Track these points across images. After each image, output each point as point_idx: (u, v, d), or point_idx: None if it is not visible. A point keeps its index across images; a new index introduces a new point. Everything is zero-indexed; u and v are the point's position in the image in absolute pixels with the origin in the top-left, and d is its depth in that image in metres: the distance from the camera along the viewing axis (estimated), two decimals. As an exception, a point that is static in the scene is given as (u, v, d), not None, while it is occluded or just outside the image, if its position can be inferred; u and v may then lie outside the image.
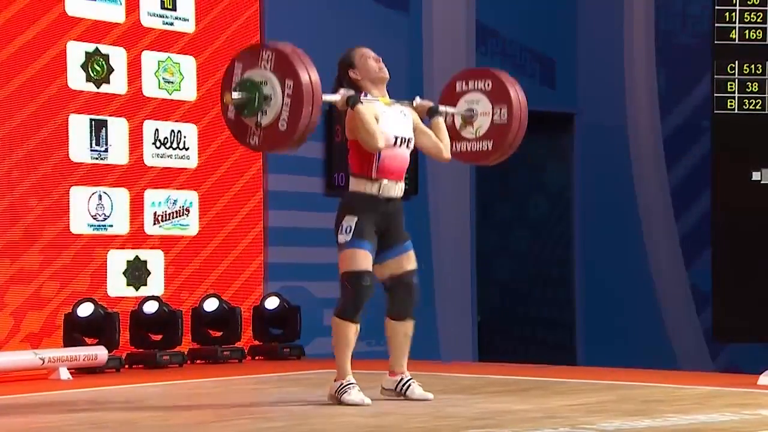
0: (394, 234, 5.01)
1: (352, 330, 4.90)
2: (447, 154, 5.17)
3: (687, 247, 9.68)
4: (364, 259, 4.89)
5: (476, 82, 5.48)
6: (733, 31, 9.50)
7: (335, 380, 4.94)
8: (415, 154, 5.20)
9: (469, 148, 5.48)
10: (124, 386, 6.06)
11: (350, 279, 4.88)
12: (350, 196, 4.99)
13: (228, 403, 5.35)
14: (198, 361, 7.43)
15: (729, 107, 9.51)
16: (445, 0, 9.29)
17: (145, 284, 7.54)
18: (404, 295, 5.02)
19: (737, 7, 9.49)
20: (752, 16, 9.50)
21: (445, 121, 5.35)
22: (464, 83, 5.52)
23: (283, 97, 4.77)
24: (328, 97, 4.92)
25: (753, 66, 9.50)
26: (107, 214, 7.42)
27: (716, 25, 9.49)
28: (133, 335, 7.18)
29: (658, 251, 9.76)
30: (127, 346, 7.15)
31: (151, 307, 7.21)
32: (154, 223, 7.65)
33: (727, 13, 9.49)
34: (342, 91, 4.99)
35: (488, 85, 5.46)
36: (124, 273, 7.48)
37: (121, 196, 7.49)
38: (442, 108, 5.35)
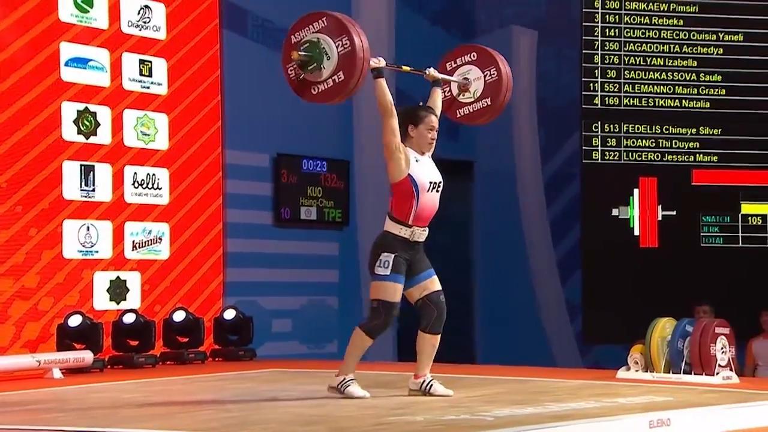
0: (420, 264, 4.91)
1: (369, 343, 4.82)
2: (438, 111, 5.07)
3: (562, 269, 9.79)
4: (398, 293, 4.80)
5: (463, 57, 5.34)
6: (596, 98, 9.70)
7: (337, 375, 4.80)
8: (347, 201, 5.10)
9: (470, 110, 5.33)
10: (107, 383, 5.99)
11: (386, 307, 4.78)
12: (386, 236, 4.83)
13: (193, 397, 5.30)
14: (168, 362, 7.34)
15: (594, 158, 9.69)
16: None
17: (125, 299, 7.45)
18: (437, 312, 4.87)
19: (599, 79, 9.71)
20: (611, 86, 9.72)
21: (446, 89, 5.28)
22: (453, 61, 5.37)
23: (329, 76, 4.63)
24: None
25: (612, 125, 9.70)
26: (94, 242, 7.33)
27: (583, 93, 9.67)
28: (115, 341, 7.09)
29: (539, 272, 9.86)
30: (109, 350, 7.05)
31: (129, 318, 7.12)
32: (133, 249, 7.57)
33: (591, 84, 9.69)
34: (374, 61, 4.74)
35: (474, 55, 5.31)
36: (107, 290, 7.38)
37: (105, 228, 7.41)
38: (444, 77, 5.26)
